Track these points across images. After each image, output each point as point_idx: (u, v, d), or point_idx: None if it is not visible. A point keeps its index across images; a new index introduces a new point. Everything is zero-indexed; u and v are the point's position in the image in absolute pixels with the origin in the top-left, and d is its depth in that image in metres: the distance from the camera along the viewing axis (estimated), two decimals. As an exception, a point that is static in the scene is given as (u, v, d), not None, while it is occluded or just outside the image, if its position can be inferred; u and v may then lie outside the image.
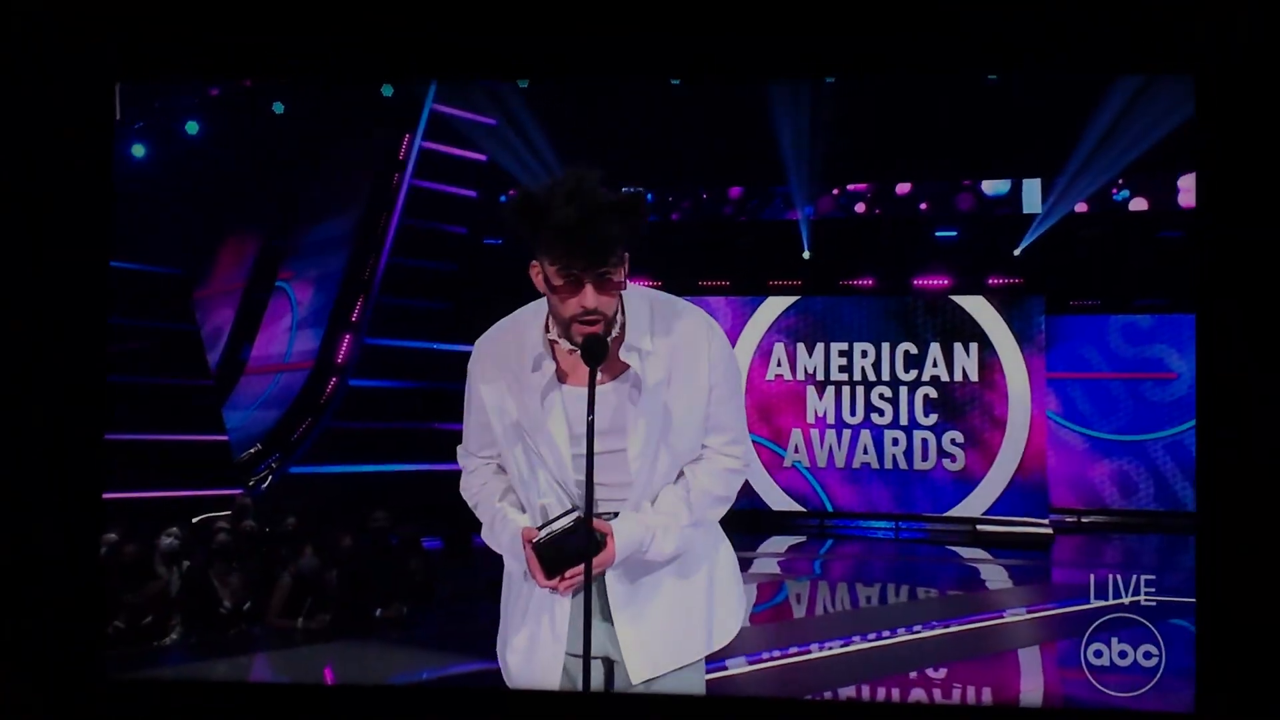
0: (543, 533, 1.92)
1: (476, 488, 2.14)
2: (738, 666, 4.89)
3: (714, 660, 4.42)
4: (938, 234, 10.13)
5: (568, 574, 1.90)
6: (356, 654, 5.23)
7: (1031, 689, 4.82)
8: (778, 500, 9.51)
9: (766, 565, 8.28)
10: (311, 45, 2.59)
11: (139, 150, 9.76)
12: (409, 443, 9.43)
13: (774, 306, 9.64)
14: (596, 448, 1.90)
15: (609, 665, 2.05)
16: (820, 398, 9.53)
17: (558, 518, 1.93)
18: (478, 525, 2.12)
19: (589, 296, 1.82)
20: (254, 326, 10.72)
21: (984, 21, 2.23)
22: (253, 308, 10.81)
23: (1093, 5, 2.17)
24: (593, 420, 1.82)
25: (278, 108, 9.92)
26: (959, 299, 9.43)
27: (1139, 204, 9.93)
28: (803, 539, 9.20)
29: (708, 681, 2.14)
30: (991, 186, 10.09)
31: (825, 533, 9.55)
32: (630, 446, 1.95)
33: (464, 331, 9.79)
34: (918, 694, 4.63)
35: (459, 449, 2.21)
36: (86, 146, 2.47)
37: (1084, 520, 9.78)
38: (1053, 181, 9.63)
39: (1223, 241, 2.04)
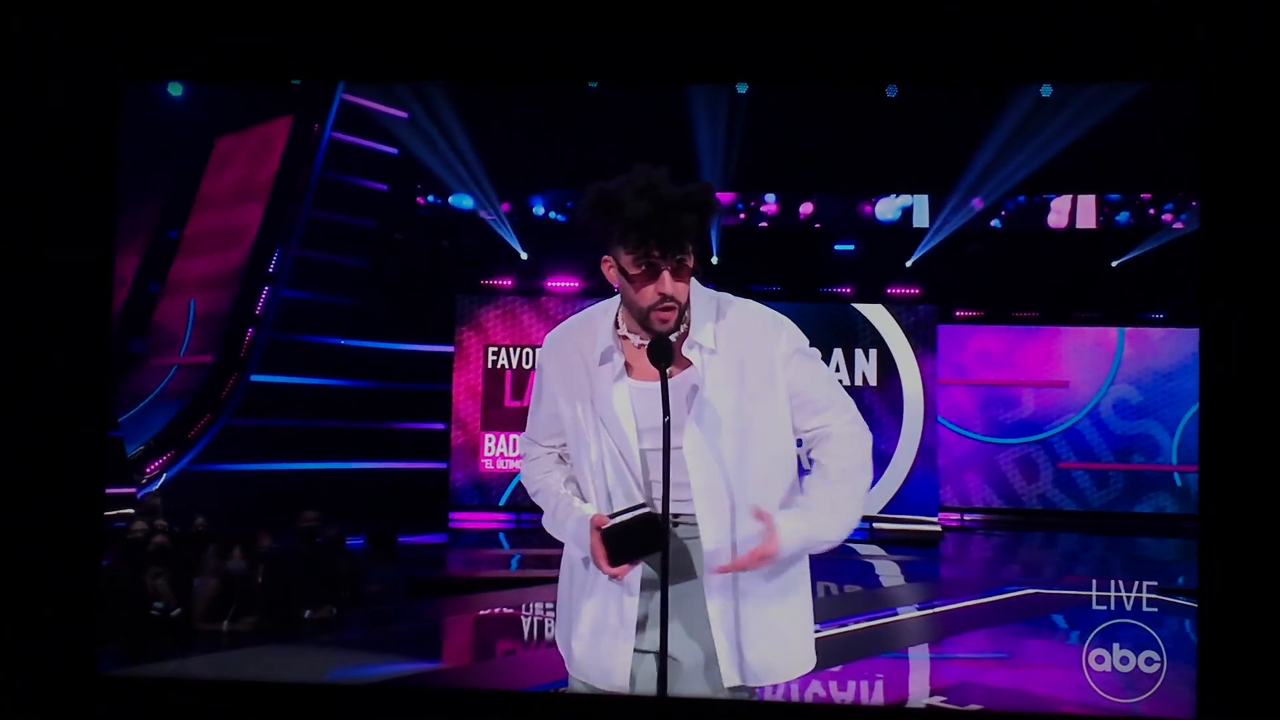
0: (612, 521, 1.98)
1: (539, 475, 2.21)
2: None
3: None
4: (836, 247, 10.59)
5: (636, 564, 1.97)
6: (297, 656, 5.13)
7: (920, 683, 4.97)
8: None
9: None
10: (312, 46, 2.60)
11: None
12: (315, 440, 9.21)
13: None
14: (649, 444, 2.01)
15: (674, 664, 2.06)
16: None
17: (627, 509, 1.99)
18: (401, 524, 2.19)
19: (666, 283, 1.93)
20: (145, 319, 10.23)
21: (991, 32, 2.29)
22: (144, 300, 10.31)
23: (1096, 15, 2.22)
24: (668, 421, 1.90)
25: (174, 90, 9.50)
26: (861, 307, 9.88)
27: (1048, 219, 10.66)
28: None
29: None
30: (883, 211, 10.61)
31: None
32: (685, 443, 1.99)
33: (371, 328, 9.69)
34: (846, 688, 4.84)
35: (521, 438, 2.28)
36: (88, 145, 2.42)
37: (966, 519, 10.42)
38: (945, 197, 10.22)
39: (1225, 246, 2.10)
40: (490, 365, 9.83)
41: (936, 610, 6.53)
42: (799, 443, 2.13)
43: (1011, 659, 5.29)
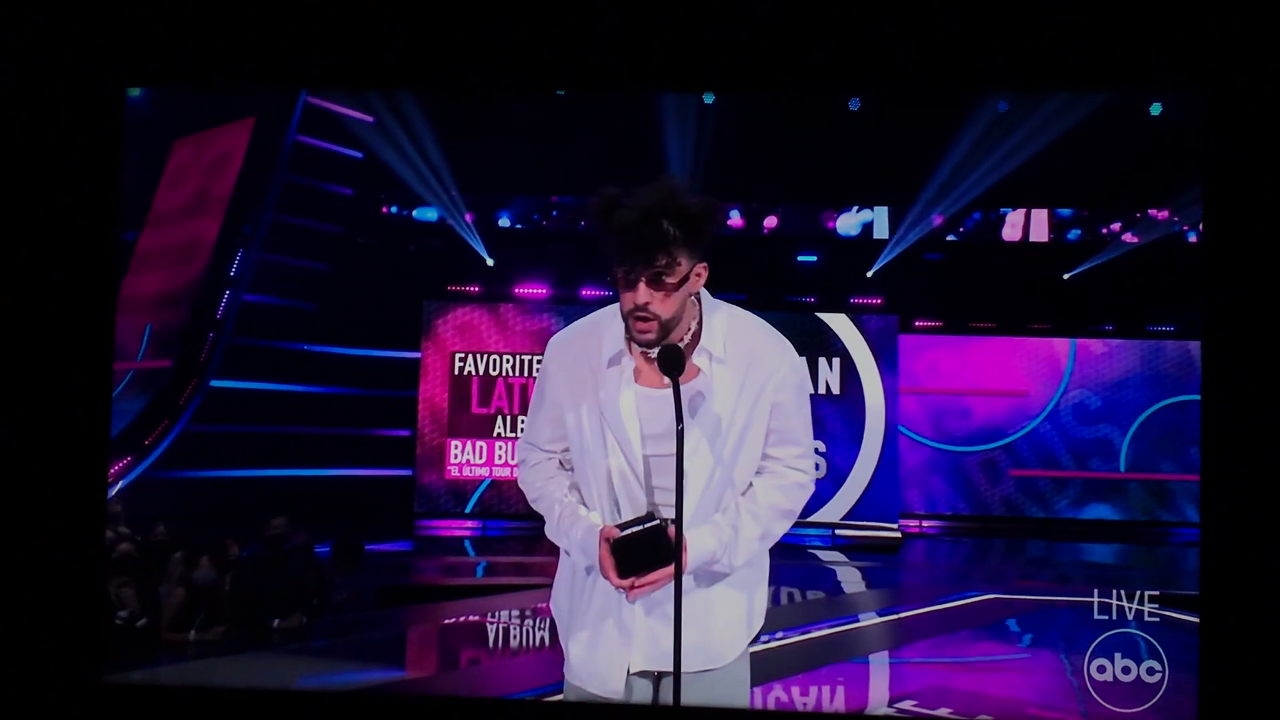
0: (622, 534, 1.95)
1: (541, 481, 2.16)
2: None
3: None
4: (799, 258, 10.74)
5: (641, 580, 1.94)
6: (267, 665, 5.08)
7: (888, 688, 5.03)
8: (652, 506, 9.75)
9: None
10: (321, 52, 2.59)
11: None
12: (277, 447, 9.10)
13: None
14: (653, 450, 1.98)
15: (657, 678, 2.06)
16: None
17: (636, 520, 1.96)
18: (366, 531, 2.16)
19: (641, 293, 1.89)
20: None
21: (997, 39, 2.26)
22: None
23: (1105, 22, 2.20)
24: (682, 429, 1.87)
25: (133, 91, 9.34)
26: (824, 316, 10.03)
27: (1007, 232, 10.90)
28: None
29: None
30: (844, 226, 10.79)
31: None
32: (689, 451, 1.94)
33: (335, 333, 9.59)
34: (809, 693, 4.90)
35: (520, 442, 2.23)
36: (94, 151, 2.40)
37: (924, 525, 10.61)
38: (905, 210, 10.42)
39: (1231, 253, 2.09)
40: (457, 371, 9.79)
41: (901, 616, 6.63)
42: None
43: (975, 664, 5.41)
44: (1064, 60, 2.26)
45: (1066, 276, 10.68)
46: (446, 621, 6.11)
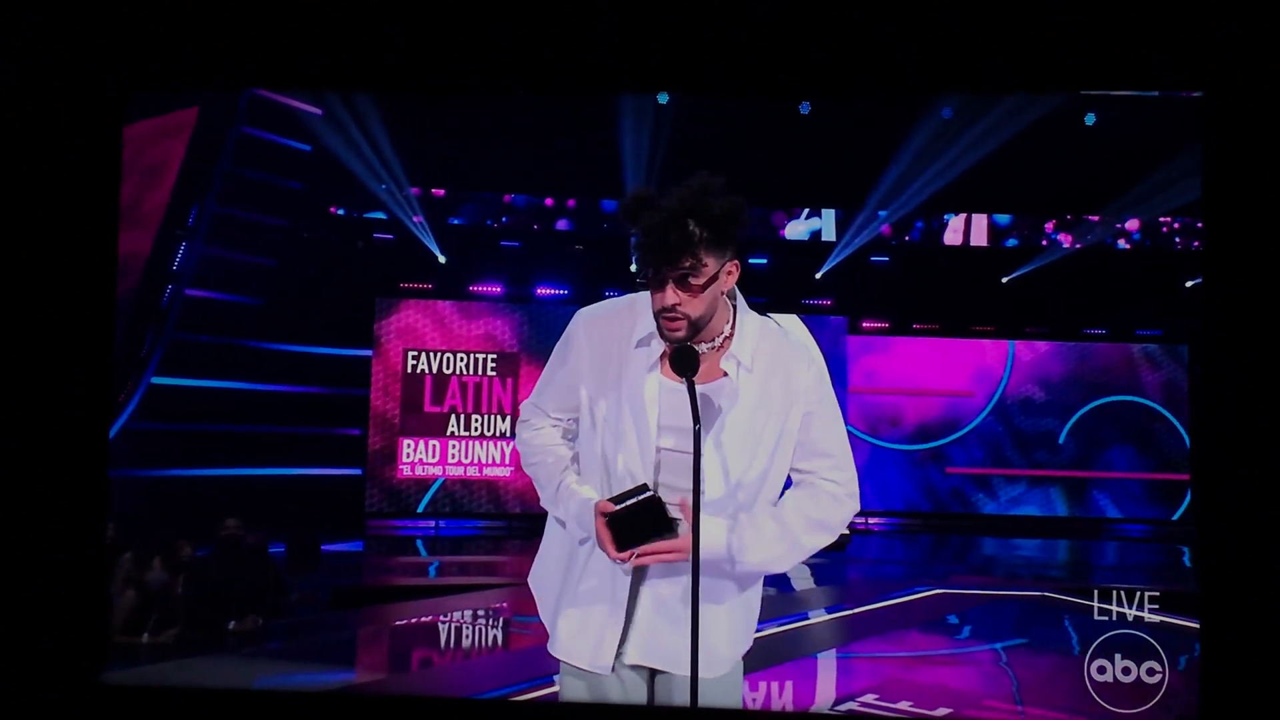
0: (618, 507, 1.93)
1: (539, 446, 2.14)
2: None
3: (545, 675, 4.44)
4: (749, 260, 10.85)
5: (641, 551, 1.92)
6: (223, 668, 4.98)
7: (849, 682, 5.07)
8: (605, 505, 9.78)
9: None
10: (323, 53, 2.57)
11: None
12: (223, 446, 8.89)
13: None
14: (667, 443, 1.98)
15: (664, 676, 2.06)
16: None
17: (632, 492, 1.94)
18: (318, 533, 2.13)
19: (669, 294, 1.89)
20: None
21: (994, 40, 2.28)
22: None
23: (1101, 22, 2.21)
24: (699, 430, 1.87)
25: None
26: (777, 316, 10.13)
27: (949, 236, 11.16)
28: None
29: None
30: (793, 232, 10.94)
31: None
32: (706, 452, 1.94)
33: (281, 330, 9.40)
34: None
35: (526, 403, 2.21)
36: (94, 153, 2.36)
37: (871, 522, 10.83)
38: (854, 213, 10.61)
39: (1227, 255, 2.10)
40: (410, 370, 9.69)
41: (852, 612, 6.75)
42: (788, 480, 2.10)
43: (931, 658, 5.56)
44: (1063, 61, 2.28)
45: (1005, 280, 10.99)
46: (405, 623, 6.06)
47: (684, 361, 1.90)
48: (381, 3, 2.54)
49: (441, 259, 10.09)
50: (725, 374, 2.01)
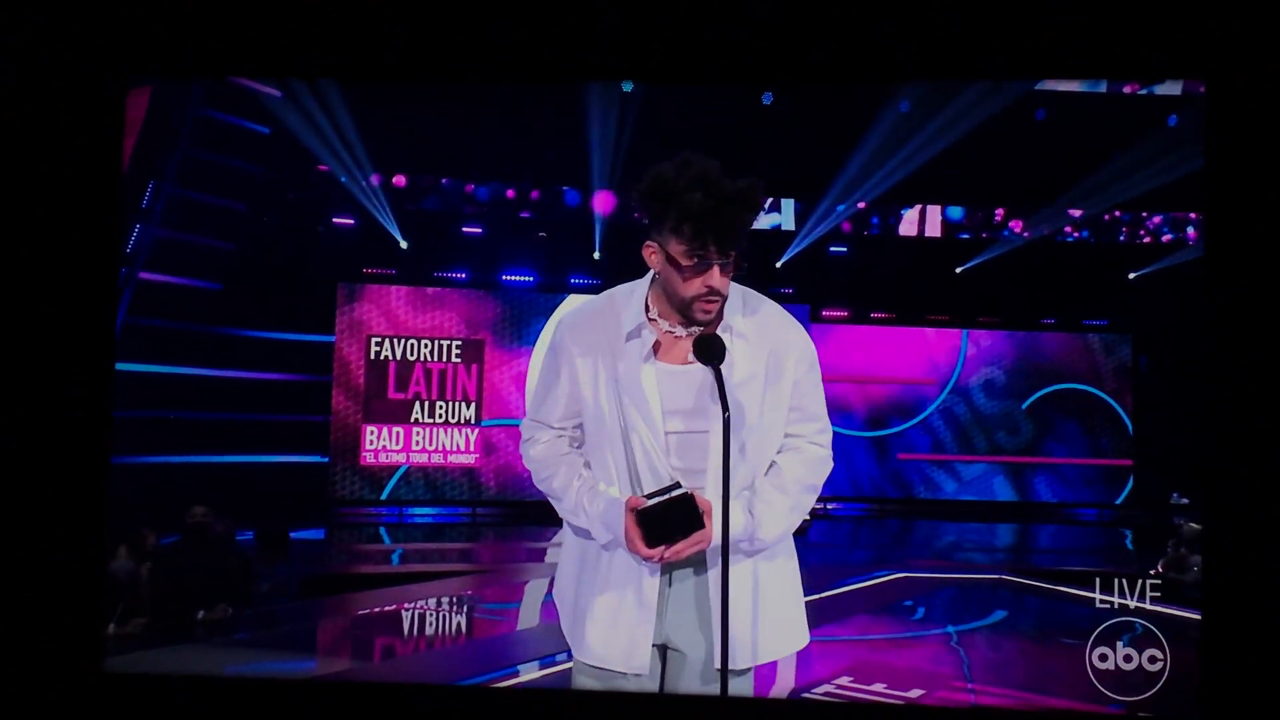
0: (649, 503, 1.95)
1: (553, 458, 2.15)
2: (531, 671, 4.71)
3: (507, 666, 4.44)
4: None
5: (670, 548, 1.95)
6: (195, 658, 4.92)
7: (822, 666, 5.15)
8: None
9: (556, 554, 8.55)
10: (325, 42, 2.55)
11: None
12: (183, 432, 8.73)
13: (575, 303, 9.96)
14: (674, 426, 2.00)
15: (677, 655, 2.08)
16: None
17: (662, 489, 1.96)
18: (281, 520, 2.14)
19: (715, 277, 1.93)
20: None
21: (998, 29, 2.29)
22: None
23: (1104, 10, 2.24)
24: (728, 417, 1.90)
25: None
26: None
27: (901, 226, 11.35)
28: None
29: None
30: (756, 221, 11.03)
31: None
32: (712, 429, 1.98)
33: (241, 315, 9.24)
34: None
35: (526, 422, 2.21)
36: (96, 145, 2.32)
37: (830, 507, 11.03)
38: (814, 203, 10.74)
39: (1231, 245, 2.12)
40: (373, 356, 9.59)
41: (815, 597, 6.88)
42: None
43: (900, 640, 5.70)
44: (1066, 51, 2.30)
45: (959, 271, 11.23)
46: (378, 610, 6.04)
47: (711, 349, 1.94)
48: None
49: (403, 244, 9.99)
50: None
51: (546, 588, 6.66)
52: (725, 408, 1.90)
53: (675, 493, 1.95)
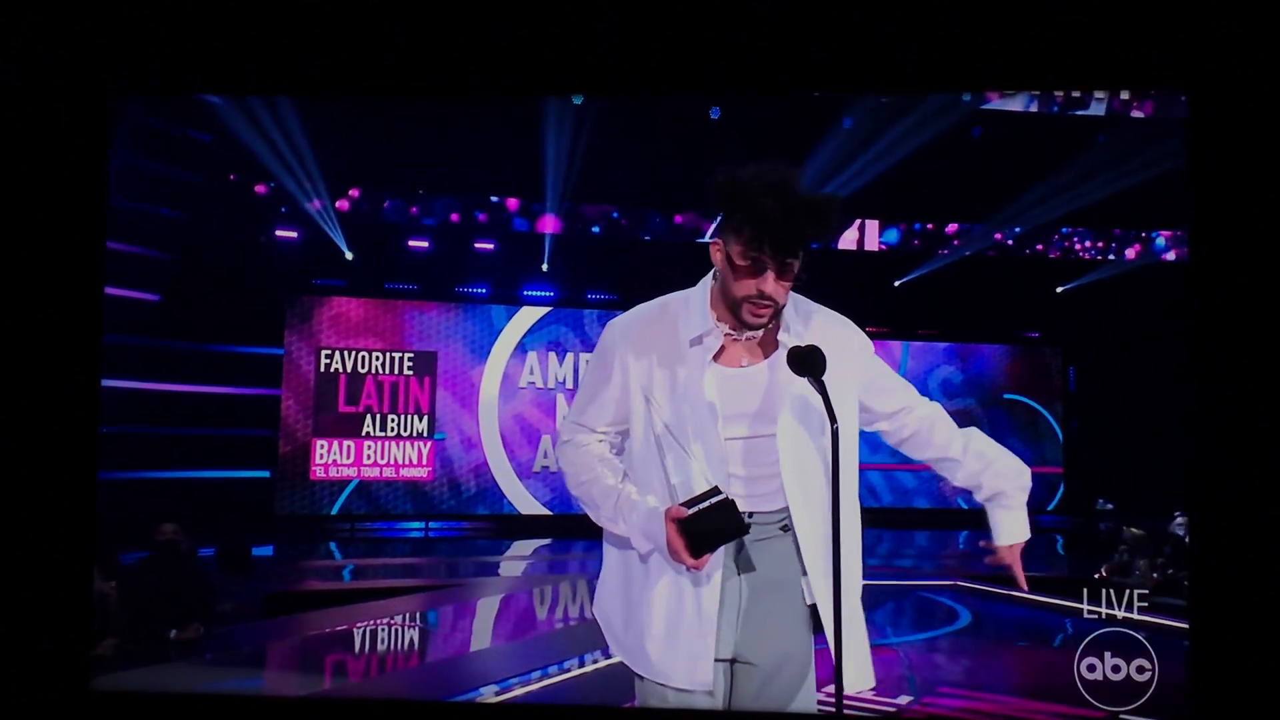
0: (690, 511, 1.90)
1: (592, 462, 2.10)
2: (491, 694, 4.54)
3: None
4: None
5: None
6: (169, 678, 4.71)
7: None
8: (526, 505, 9.73)
9: (513, 568, 8.46)
10: (307, 57, 2.52)
11: None
12: (126, 448, 8.36)
13: (528, 316, 9.89)
14: (744, 432, 1.97)
15: (745, 670, 2.01)
16: (569, 405, 9.87)
17: (701, 496, 1.91)
18: (255, 537, 2.15)
19: (769, 281, 1.93)
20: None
21: (977, 41, 2.33)
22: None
23: (1086, 23, 2.27)
24: (837, 428, 1.86)
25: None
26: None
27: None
28: (548, 541, 9.50)
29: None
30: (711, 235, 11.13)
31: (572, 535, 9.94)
32: (780, 432, 1.98)
33: (182, 327, 8.91)
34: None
35: (567, 423, 2.17)
36: (80, 159, 2.27)
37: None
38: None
39: (1215, 253, 2.17)
40: (322, 369, 9.35)
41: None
42: (873, 432, 2.20)
43: (879, 646, 5.77)
44: (1053, 61, 2.35)
45: (897, 284, 11.53)
46: (351, 626, 5.88)
47: (808, 362, 1.92)
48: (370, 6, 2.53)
49: (348, 255, 9.78)
50: (778, 347, 2.04)
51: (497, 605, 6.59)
52: (833, 419, 1.87)
53: (715, 499, 1.90)
